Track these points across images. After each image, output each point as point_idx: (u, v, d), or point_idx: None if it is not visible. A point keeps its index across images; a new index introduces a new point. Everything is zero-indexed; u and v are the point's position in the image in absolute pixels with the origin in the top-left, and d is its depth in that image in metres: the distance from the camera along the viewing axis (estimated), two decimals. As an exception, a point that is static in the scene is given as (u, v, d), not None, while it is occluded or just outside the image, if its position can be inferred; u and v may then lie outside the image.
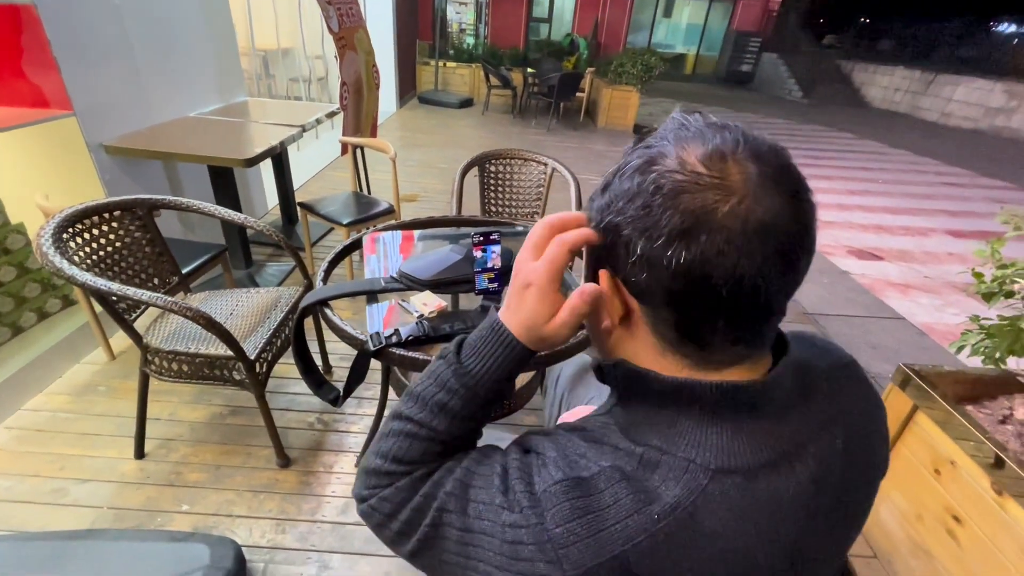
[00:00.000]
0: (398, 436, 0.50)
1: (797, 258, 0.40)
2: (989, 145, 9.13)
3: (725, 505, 0.39)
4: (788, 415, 0.44)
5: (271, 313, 1.62)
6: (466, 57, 7.82)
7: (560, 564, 0.38)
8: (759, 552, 0.40)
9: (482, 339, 0.49)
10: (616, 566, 0.38)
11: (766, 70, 14.55)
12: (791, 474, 0.42)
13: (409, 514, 0.47)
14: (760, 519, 0.40)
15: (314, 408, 1.81)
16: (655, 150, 0.41)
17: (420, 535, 0.46)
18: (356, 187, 2.72)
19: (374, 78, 2.94)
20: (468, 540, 0.44)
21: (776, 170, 0.39)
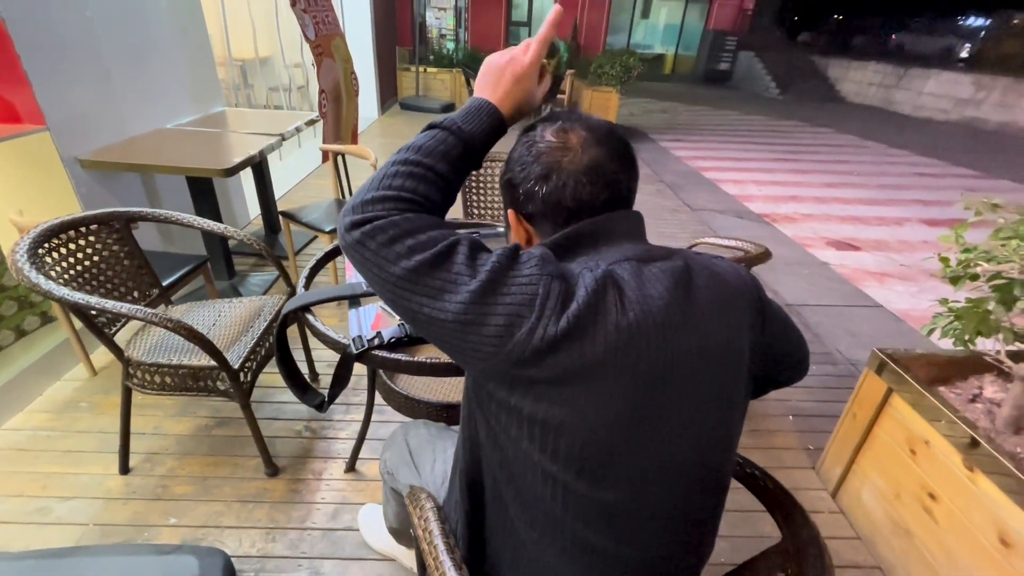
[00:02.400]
0: (408, 176, 0.59)
1: (617, 183, 0.64)
2: (959, 135, 9.37)
3: (626, 271, 0.58)
4: (631, 243, 0.63)
5: (254, 322, 1.62)
6: (447, 62, 7.85)
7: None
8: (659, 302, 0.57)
9: (470, 112, 0.66)
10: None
11: (743, 68, 14.77)
12: (667, 262, 0.61)
13: (433, 234, 0.55)
14: (648, 281, 0.58)
15: (301, 416, 1.81)
16: (531, 133, 0.66)
17: (437, 250, 0.54)
18: (338, 194, 2.72)
19: (353, 85, 2.94)
20: (479, 260, 0.55)
21: (603, 135, 0.63)
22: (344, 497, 1.53)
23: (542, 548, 0.63)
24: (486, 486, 0.69)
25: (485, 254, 0.57)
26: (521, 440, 0.58)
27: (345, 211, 0.59)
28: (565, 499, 0.59)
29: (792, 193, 5.22)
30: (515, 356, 0.52)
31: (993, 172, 6.49)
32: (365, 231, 0.56)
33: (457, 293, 0.53)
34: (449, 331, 0.54)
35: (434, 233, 0.56)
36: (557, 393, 0.54)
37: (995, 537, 1.12)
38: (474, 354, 0.54)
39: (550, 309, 0.52)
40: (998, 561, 1.11)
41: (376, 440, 1.70)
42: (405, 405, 1.37)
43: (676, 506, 0.62)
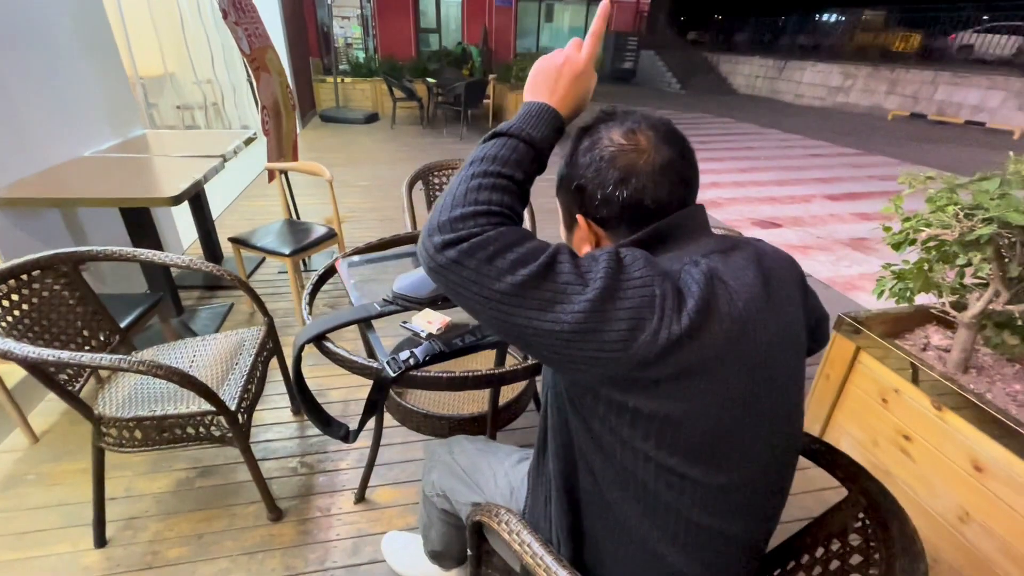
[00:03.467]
0: (492, 188, 0.59)
1: (688, 179, 0.66)
2: (836, 119, 10.55)
3: (718, 263, 0.61)
4: (708, 236, 0.67)
5: (237, 358, 1.50)
6: (365, 72, 7.63)
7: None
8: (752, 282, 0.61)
9: (530, 116, 0.66)
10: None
11: (645, 66, 15.68)
12: (743, 251, 0.65)
13: (532, 245, 0.55)
14: (738, 271, 0.61)
15: (293, 452, 1.70)
16: (594, 136, 0.66)
17: (542, 262, 0.53)
18: (288, 214, 2.57)
19: (289, 99, 2.78)
20: (583, 266, 0.55)
21: (666, 133, 0.65)
22: (360, 530, 1.45)
23: (654, 540, 0.65)
24: (583, 490, 0.69)
25: (585, 260, 0.57)
26: (634, 440, 0.59)
27: (430, 231, 0.57)
28: (681, 488, 0.61)
29: (712, 180, 5.63)
30: (639, 359, 0.53)
31: (870, 149, 7.38)
32: (463, 249, 0.54)
33: (571, 303, 0.52)
34: (564, 341, 0.53)
35: (533, 244, 0.55)
36: (679, 388, 0.56)
37: (969, 464, 1.29)
38: (591, 362, 0.54)
39: (670, 309, 0.53)
40: (973, 485, 1.28)
41: (383, 465, 1.63)
42: (425, 424, 1.33)
43: (772, 479, 0.66)
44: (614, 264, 0.55)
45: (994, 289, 1.41)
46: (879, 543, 0.68)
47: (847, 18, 16.10)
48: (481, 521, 0.85)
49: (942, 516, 1.36)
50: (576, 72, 0.69)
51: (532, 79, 0.71)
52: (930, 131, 9.19)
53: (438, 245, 0.55)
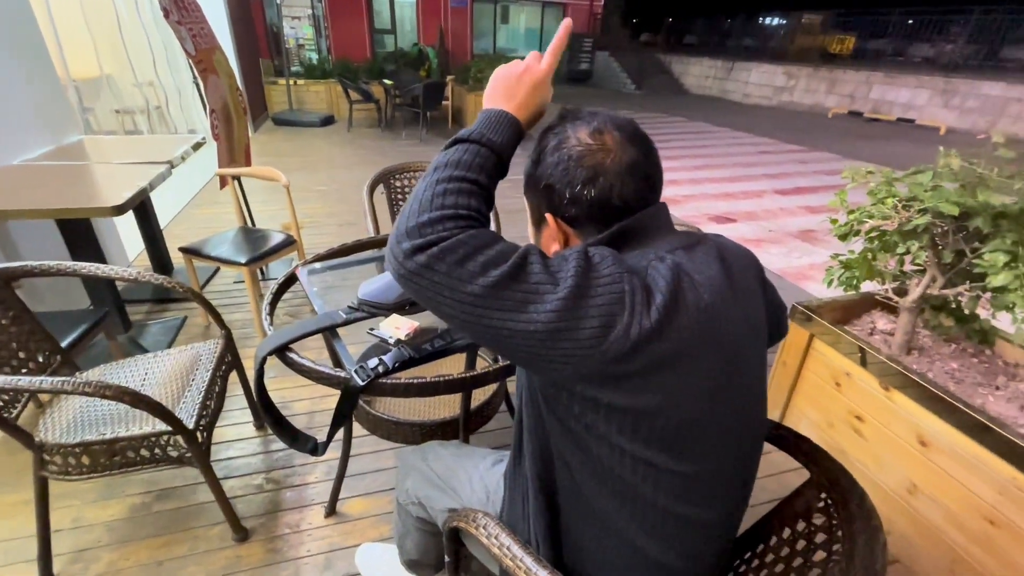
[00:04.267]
0: (458, 192, 0.59)
1: (652, 178, 0.67)
2: (781, 117, 11.04)
3: (683, 258, 0.62)
4: (671, 233, 0.68)
5: (194, 374, 1.43)
6: (319, 73, 7.43)
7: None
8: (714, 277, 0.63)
9: (491, 122, 0.67)
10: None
11: (601, 67, 15.96)
12: (705, 246, 0.67)
13: (501, 247, 0.55)
14: (702, 265, 0.63)
15: (258, 468, 1.63)
16: (561, 135, 0.67)
17: (512, 263, 0.54)
18: (243, 221, 2.47)
19: (240, 102, 2.68)
20: (552, 266, 0.56)
21: (631, 133, 0.66)
22: (332, 544, 1.41)
23: (632, 533, 0.66)
24: (561, 489, 0.70)
25: (555, 260, 0.57)
26: (610, 435, 0.60)
27: (398, 237, 0.56)
28: (656, 479, 0.62)
29: (670, 178, 5.77)
30: (612, 354, 0.54)
31: (814, 146, 7.76)
32: (432, 254, 0.54)
33: (543, 303, 0.52)
34: (537, 341, 0.53)
35: (502, 246, 0.56)
36: (652, 381, 0.57)
37: (915, 440, 1.37)
38: (566, 360, 0.55)
39: (639, 304, 0.55)
40: (920, 459, 1.36)
41: (352, 476, 1.59)
42: (396, 432, 1.31)
43: (742, 466, 0.69)
44: (583, 263, 0.56)
45: (931, 275, 1.51)
46: (840, 520, 0.71)
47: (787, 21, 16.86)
48: (458, 527, 0.84)
49: (893, 490, 1.44)
50: (535, 81, 0.70)
51: (492, 87, 0.72)
52: (866, 128, 9.74)
53: (407, 251, 0.54)
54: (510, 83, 0.70)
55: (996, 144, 1.52)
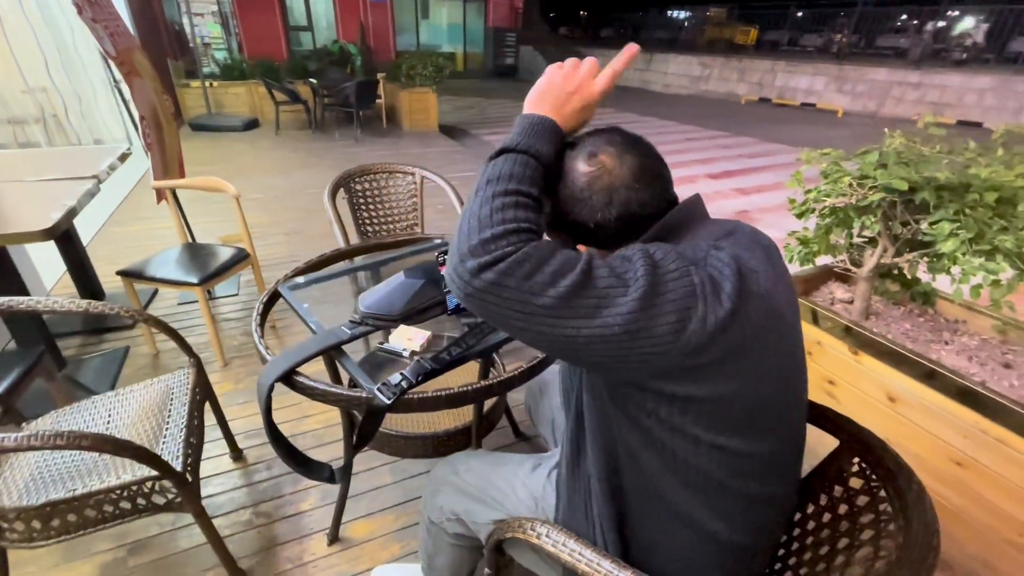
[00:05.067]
0: (515, 206, 0.58)
1: (660, 174, 0.69)
2: (700, 105, 11.69)
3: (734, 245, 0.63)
4: (711, 222, 0.71)
5: (168, 410, 1.29)
6: (237, 74, 6.92)
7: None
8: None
9: (537, 131, 0.65)
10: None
11: (526, 61, 16.09)
12: (743, 232, 0.68)
13: (565, 256, 0.55)
14: (749, 250, 0.64)
15: (243, 503, 1.51)
16: (561, 174, 0.69)
17: (580, 270, 0.54)
18: (185, 238, 2.26)
19: (168, 107, 2.43)
20: (618, 268, 0.56)
21: (622, 142, 0.68)
22: (341, 573, 1.34)
23: (705, 519, 0.67)
24: (629, 488, 0.70)
25: (618, 261, 0.57)
26: (685, 426, 0.61)
27: (461, 257, 0.55)
28: (731, 464, 0.64)
29: (609, 168, 5.94)
30: (690, 347, 0.54)
31: (734, 131, 8.27)
32: (500, 270, 0.53)
33: (616, 305, 0.53)
34: (614, 345, 0.54)
35: (566, 255, 0.56)
36: (728, 369, 0.58)
37: (885, 397, 1.50)
38: (643, 359, 0.55)
39: (710, 294, 0.56)
40: (890, 414, 1.49)
41: (350, 499, 1.51)
42: (407, 446, 1.26)
43: (799, 440, 0.72)
44: (649, 261, 0.56)
45: (883, 245, 1.65)
46: (881, 480, 0.76)
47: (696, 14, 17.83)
48: (511, 538, 0.82)
49: (868, 445, 1.58)
50: (586, 102, 0.70)
51: (541, 91, 0.70)
52: (775, 113, 10.53)
53: (473, 269, 0.54)
54: (561, 96, 0.69)
55: (927, 124, 1.68)
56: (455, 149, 6.25)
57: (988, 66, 10.08)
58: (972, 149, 1.55)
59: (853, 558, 0.73)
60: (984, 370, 1.47)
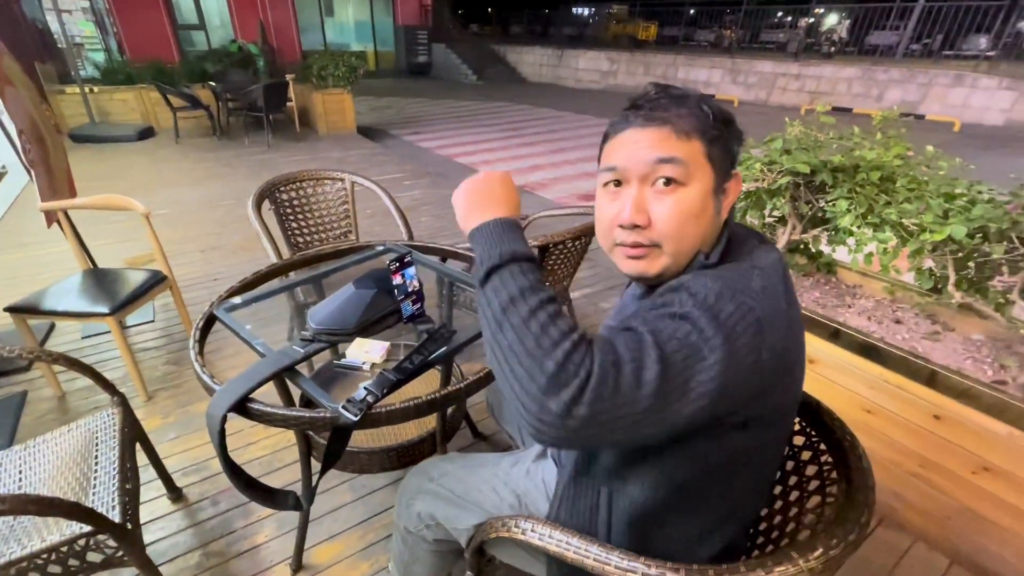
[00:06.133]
0: (550, 320, 0.53)
1: None
2: (611, 99, 12.17)
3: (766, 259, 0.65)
4: (745, 229, 0.73)
5: (95, 455, 1.17)
6: (122, 78, 6.25)
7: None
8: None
9: (500, 236, 0.62)
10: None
11: (440, 59, 15.93)
12: (755, 233, 0.72)
13: (625, 347, 0.52)
14: (774, 259, 0.65)
15: (191, 546, 1.40)
16: (691, 99, 0.66)
17: (655, 356, 0.51)
18: (86, 263, 2.04)
19: (49, 118, 2.15)
20: (682, 334, 0.54)
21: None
22: (309, 601, 1.28)
23: (743, 501, 0.73)
24: (654, 496, 0.70)
25: (675, 327, 0.54)
26: (735, 440, 0.63)
27: (538, 404, 0.50)
28: (766, 452, 0.70)
29: (534, 163, 6.06)
30: (766, 372, 0.57)
31: (645, 123, 8.71)
32: (590, 399, 0.49)
33: (703, 371, 0.52)
34: (713, 403, 0.53)
35: (624, 345, 0.53)
36: (785, 383, 0.62)
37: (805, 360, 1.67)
38: (739, 401, 0.57)
39: (769, 320, 0.56)
40: (810, 374, 1.66)
41: (313, 521, 1.45)
42: (371, 461, 1.22)
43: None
44: (708, 312, 0.55)
45: (792, 223, 1.83)
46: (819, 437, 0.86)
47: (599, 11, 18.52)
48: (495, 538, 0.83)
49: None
50: (503, 179, 0.70)
51: (469, 202, 0.68)
52: (681, 104, 11.18)
53: (561, 412, 0.49)
54: (484, 192, 0.68)
55: (818, 113, 1.88)
56: (376, 151, 6.08)
57: (853, 57, 11.36)
58: (857, 134, 1.76)
59: (805, 507, 0.82)
60: (881, 327, 1.68)
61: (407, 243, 1.64)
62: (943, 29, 10.33)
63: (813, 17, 13.05)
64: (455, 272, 1.43)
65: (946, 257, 1.41)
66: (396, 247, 1.54)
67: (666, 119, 0.64)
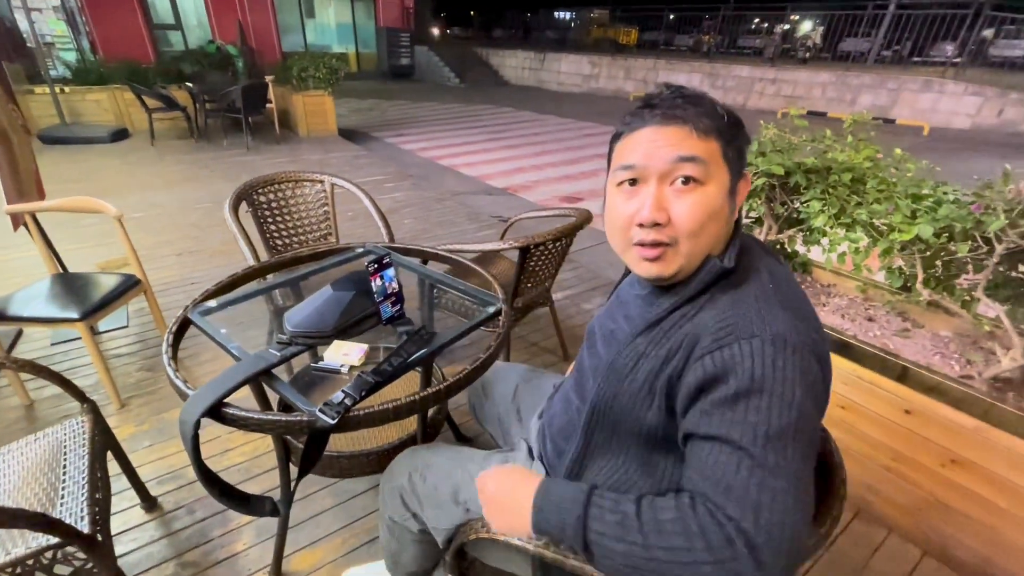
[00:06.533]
0: (668, 525, 0.55)
1: None
2: (593, 102, 12.28)
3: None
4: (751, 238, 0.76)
5: (60, 464, 1.13)
6: (95, 78, 6.09)
7: None
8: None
9: (553, 509, 0.63)
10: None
11: (422, 61, 15.89)
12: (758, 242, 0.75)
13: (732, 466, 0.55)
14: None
15: (165, 556, 1.36)
16: (706, 100, 0.67)
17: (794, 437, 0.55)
18: (55, 268, 1.98)
19: (16, 118, 2.09)
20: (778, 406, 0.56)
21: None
22: (289, 608, 1.26)
23: None
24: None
25: (777, 403, 0.56)
26: None
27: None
28: None
29: (516, 166, 6.07)
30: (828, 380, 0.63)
31: (627, 127, 8.79)
32: (783, 553, 0.51)
33: (808, 431, 0.56)
34: (816, 421, 0.59)
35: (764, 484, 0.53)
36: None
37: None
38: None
39: (819, 345, 0.61)
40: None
41: (293, 528, 1.42)
42: (351, 466, 1.21)
43: None
44: (776, 376, 0.57)
45: (768, 224, 1.87)
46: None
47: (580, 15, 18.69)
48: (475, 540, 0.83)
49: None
50: (497, 475, 0.73)
51: (504, 507, 0.70)
52: (662, 108, 11.33)
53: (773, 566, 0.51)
54: (508, 493, 0.71)
55: (792, 116, 1.92)
56: (358, 153, 6.03)
57: (826, 63, 11.65)
58: (829, 137, 1.80)
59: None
60: (854, 325, 1.72)
61: (387, 245, 1.63)
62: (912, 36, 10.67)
63: (788, 24, 13.36)
64: (436, 274, 1.43)
65: (915, 256, 1.45)
66: (376, 249, 1.53)
67: (685, 118, 0.64)
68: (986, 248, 1.28)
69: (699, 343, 0.61)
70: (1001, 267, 1.32)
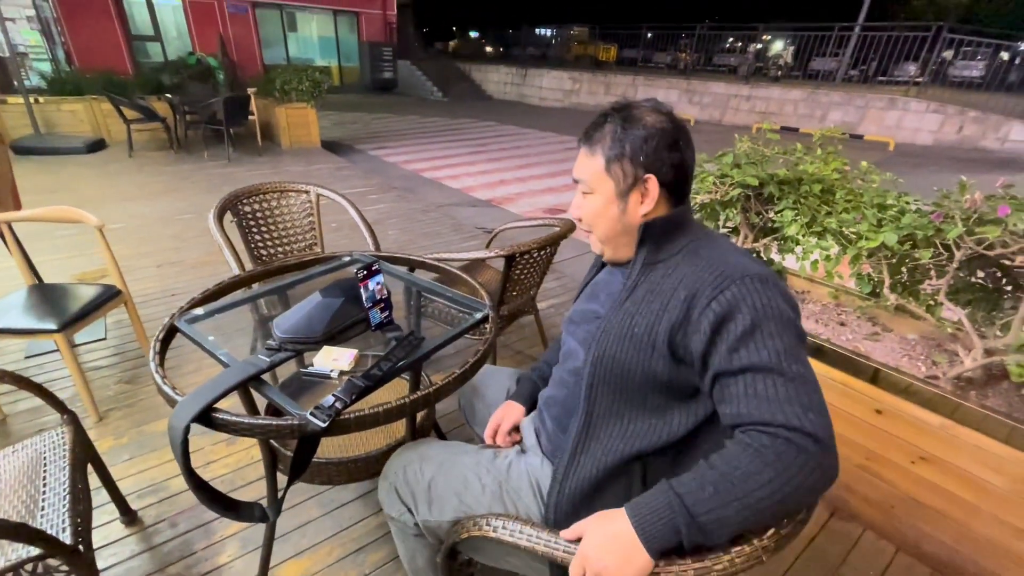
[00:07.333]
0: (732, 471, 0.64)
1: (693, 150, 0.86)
2: (574, 117, 12.48)
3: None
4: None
5: (40, 476, 1.11)
6: (71, 88, 5.99)
7: None
8: None
9: (655, 521, 0.66)
10: None
11: (405, 76, 16.00)
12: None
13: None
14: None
15: (147, 570, 1.34)
16: (630, 118, 0.81)
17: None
18: (31, 278, 1.94)
19: (-7, 129, 2.06)
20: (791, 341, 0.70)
21: (672, 115, 0.83)
22: (275, 620, 1.25)
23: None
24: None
25: (790, 335, 0.69)
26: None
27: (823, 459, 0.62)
28: None
29: (499, 178, 6.14)
30: None
31: (608, 140, 8.96)
32: (818, 428, 0.63)
33: (790, 329, 0.70)
34: (801, 329, 0.73)
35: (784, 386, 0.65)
36: None
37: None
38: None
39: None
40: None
41: (280, 538, 1.41)
42: (341, 472, 1.21)
43: None
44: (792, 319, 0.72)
45: (744, 233, 1.93)
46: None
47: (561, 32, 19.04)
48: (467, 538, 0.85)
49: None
50: (591, 522, 0.72)
51: (615, 555, 0.66)
52: (641, 123, 11.58)
53: (825, 440, 0.63)
54: (612, 542, 0.68)
55: (765, 130, 2.01)
56: (341, 165, 6.02)
57: (798, 81, 12.07)
58: (799, 149, 1.89)
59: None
60: (827, 329, 1.79)
61: (374, 254, 1.65)
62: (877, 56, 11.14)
63: (761, 43, 13.83)
64: (423, 282, 1.45)
65: (881, 263, 1.52)
66: (363, 256, 1.55)
67: (587, 142, 0.85)
68: (946, 254, 1.36)
69: (699, 294, 0.72)
70: (961, 272, 1.40)
